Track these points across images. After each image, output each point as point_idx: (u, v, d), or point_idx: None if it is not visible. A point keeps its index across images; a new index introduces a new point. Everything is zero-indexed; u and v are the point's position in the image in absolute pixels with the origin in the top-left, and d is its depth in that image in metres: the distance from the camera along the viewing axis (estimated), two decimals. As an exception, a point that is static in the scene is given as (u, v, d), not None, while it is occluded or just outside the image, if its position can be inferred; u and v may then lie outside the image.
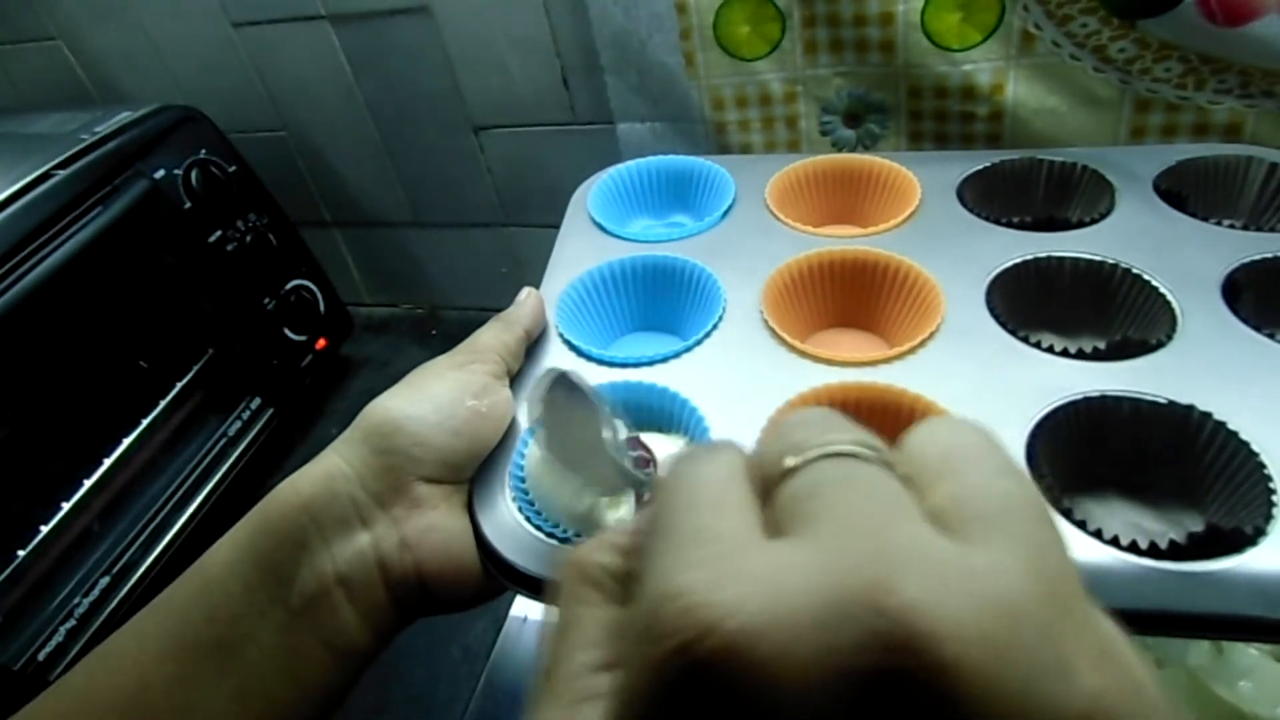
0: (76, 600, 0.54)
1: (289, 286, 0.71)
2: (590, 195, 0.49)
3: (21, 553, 0.52)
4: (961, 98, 0.54)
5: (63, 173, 0.54)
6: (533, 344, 0.39)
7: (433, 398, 0.32)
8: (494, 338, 0.36)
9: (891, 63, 0.54)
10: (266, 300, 0.68)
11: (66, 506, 0.54)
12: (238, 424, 0.66)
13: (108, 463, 0.57)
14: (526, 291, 0.40)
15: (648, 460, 0.33)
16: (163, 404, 0.61)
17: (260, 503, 0.30)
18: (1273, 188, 0.43)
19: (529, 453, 0.34)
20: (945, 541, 0.14)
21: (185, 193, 0.61)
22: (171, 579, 0.30)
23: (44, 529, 0.53)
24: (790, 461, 0.16)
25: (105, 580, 0.55)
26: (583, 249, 0.45)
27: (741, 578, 0.14)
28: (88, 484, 0.56)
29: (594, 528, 0.31)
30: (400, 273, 0.87)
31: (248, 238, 0.66)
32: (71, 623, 0.53)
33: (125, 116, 0.61)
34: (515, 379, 0.37)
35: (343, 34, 0.68)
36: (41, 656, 0.51)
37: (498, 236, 0.78)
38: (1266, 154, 0.44)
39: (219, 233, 0.64)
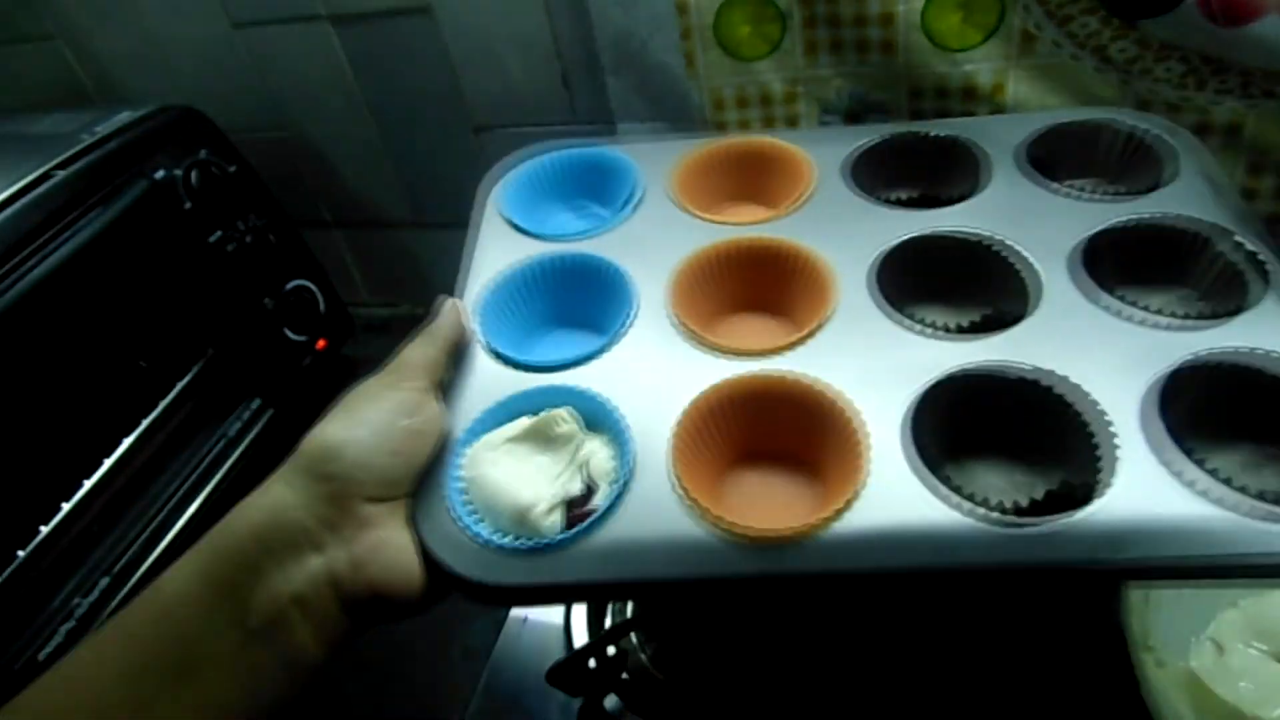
0: (76, 600, 0.53)
1: (289, 286, 0.71)
2: (501, 193, 0.49)
3: (21, 553, 0.52)
4: (962, 98, 0.54)
5: (63, 173, 0.54)
6: (458, 352, 0.40)
7: (368, 422, 0.33)
8: (420, 354, 0.37)
9: (892, 63, 0.54)
10: (266, 300, 0.68)
11: (66, 506, 0.54)
12: (238, 424, 0.66)
13: (108, 463, 0.57)
14: (448, 302, 0.40)
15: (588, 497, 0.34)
16: (163, 404, 0.61)
17: (210, 532, 0.31)
18: (1130, 150, 0.46)
19: (470, 455, 0.35)
20: None
21: (185, 193, 0.61)
22: (172, 580, 0.30)
23: (44, 529, 0.53)
24: None
25: (105, 580, 0.55)
26: (498, 251, 0.45)
27: None
28: (88, 484, 0.56)
29: (530, 529, 0.33)
30: (400, 273, 0.87)
31: (248, 238, 0.66)
32: (71, 623, 0.53)
33: (125, 116, 0.61)
34: (446, 389, 0.38)
35: (343, 34, 0.68)
36: (41, 657, 0.51)
37: (498, 236, 0.78)
38: (1125, 117, 0.47)
39: (219, 233, 0.64)
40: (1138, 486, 0.30)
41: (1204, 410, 0.33)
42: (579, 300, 0.44)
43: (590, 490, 0.34)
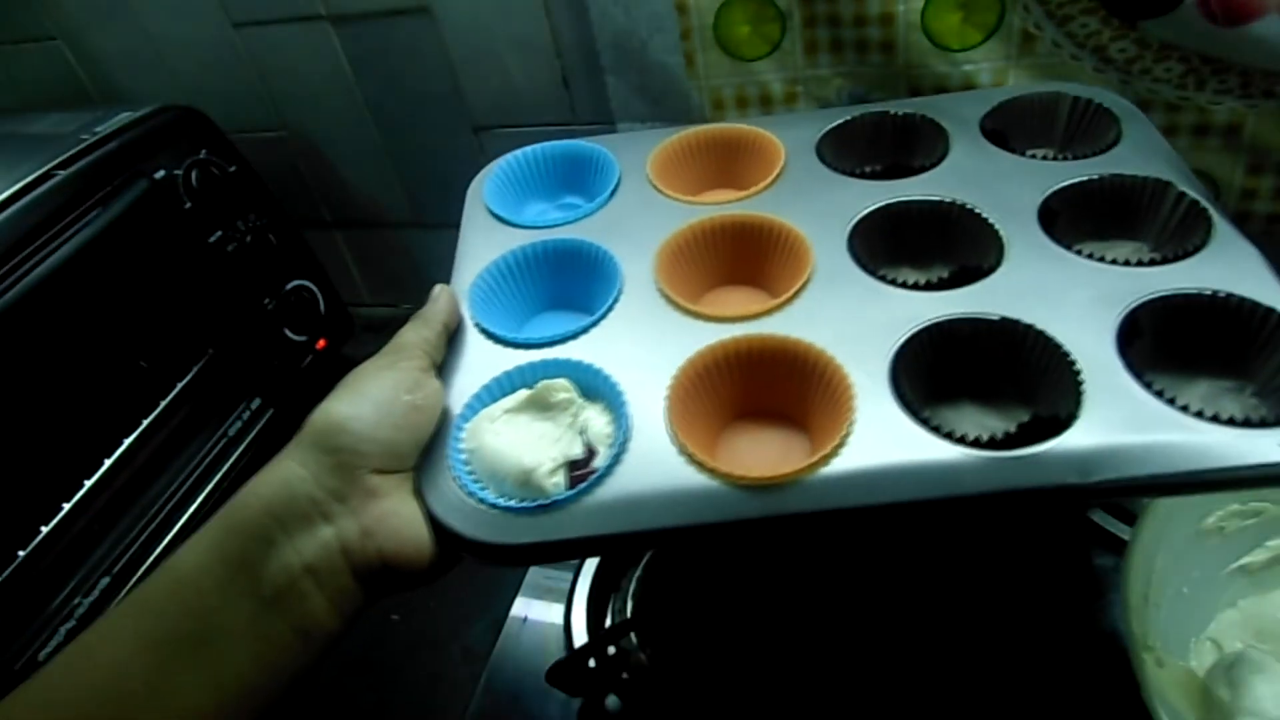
0: (76, 600, 0.53)
1: (289, 286, 0.71)
2: (484, 187, 0.50)
3: (21, 553, 0.52)
4: (962, 98, 0.54)
5: (63, 173, 0.54)
6: (451, 335, 0.41)
7: (370, 397, 0.34)
8: (416, 335, 0.38)
9: (892, 63, 0.54)
10: (266, 300, 0.68)
11: (66, 506, 0.54)
12: (238, 424, 0.66)
13: (108, 463, 0.57)
14: (439, 288, 0.42)
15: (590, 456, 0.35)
16: (163, 404, 0.61)
17: (221, 509, 0.32)
18: (1075, 118, 0.48)
19: (471, 428, 0.36)
20: None
21: (185, 193, 0.61)
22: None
23: (44, 529, 0.53)
24: None
25: (105, 580, 0.55)
26: (484, 241, 0.47)
27: None
28: (88, 484, 0.56)
29: (534, 490, 0.34)
30: (400, 273, 0.87)
31: (248, 238, 0.66)
32: (71, 623, 0.53)
33: (125, 116, 0.61)
34: (440, 370, 0.39)
35: (343, 34, 0.68)
36: (41, 657, 0.51)
37: (498, 236, 0.78)
38: (1070, 89, 0.49)
39: (219, 233, 0.64)
40: (1105, 415, 0.32)
41: (1166, 346, 0.36)
42: (566, 284, 0.45)
43: (591, 453, 0.35)
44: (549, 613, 0.58)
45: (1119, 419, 0.32)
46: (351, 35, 0.68)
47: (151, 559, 0.58)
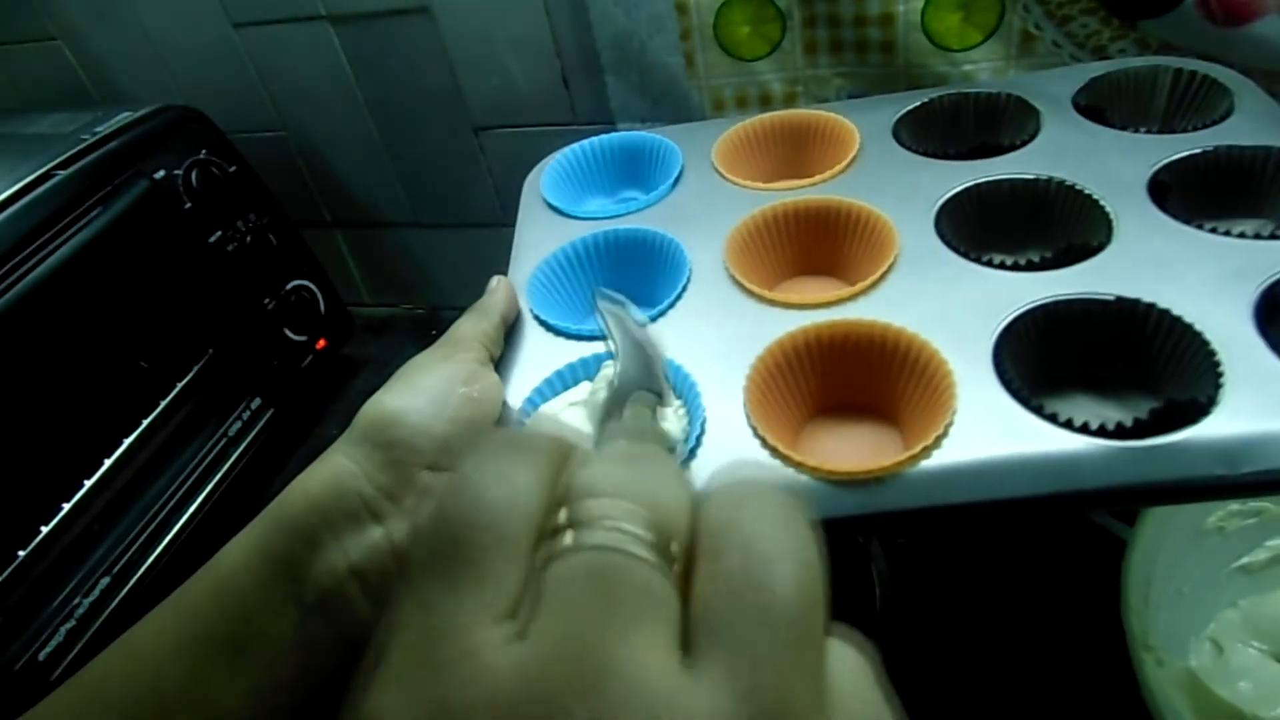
0: (76, 600, 0.53)
1: (289, 286, 0.71)
2: (542, 180, 0.49)
3: (21, 553, 0.52)
4: (962, 98, 0.54)
5: (63, 173, 0.54)
6: (509, 329, 0.40)
7: (425, 389, 0.33)
8: (473, 327, 0.37)
9: (892, 63, 0.54)
10: (266, 300, 0.68)
11: (66, 506, 0.54)
12: (238, 424, 0.66)
13: (108, 463, 0.57)
14: (496, 280, 0.40)
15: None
16: (163, 404, 0.61)
17: (270, 505, 0.31)
18: (1179, 92, 0.45)
19: (532, 423, 0.35)
20: (659, 671, 0.14)
21: (185, 193, 0.61)
22: (173, 579, 0.30)
23: (44, 529, 0.53)
24: (565, 541, 0.16)
25: (105, 580, 0.55)
26: (543, 233, 0.45)
27: (432, 708, 0.14)
28: (88, 484, 0.56)
29: None
30: (400, 273, 0.87)
31: (248, 238, 0.66)
32: (71, 623, 0.53)
33: (125, 117, 0.61)
34: (498, 364, 0.38)
35: (343, 34, 0.68)
36: (41, 657, 0.51)
37: (498, 236, 0.78)
38: (1171, 62, 0.46)
39: (219, 233, 0.64)
40: (1252, 399, 0.29)
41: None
42: (630, 276, 0.43)
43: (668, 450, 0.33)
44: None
45: (1269, 404, 0.28)
46: (351, 35, 0.68)
47: (151, 559, 0.58)
